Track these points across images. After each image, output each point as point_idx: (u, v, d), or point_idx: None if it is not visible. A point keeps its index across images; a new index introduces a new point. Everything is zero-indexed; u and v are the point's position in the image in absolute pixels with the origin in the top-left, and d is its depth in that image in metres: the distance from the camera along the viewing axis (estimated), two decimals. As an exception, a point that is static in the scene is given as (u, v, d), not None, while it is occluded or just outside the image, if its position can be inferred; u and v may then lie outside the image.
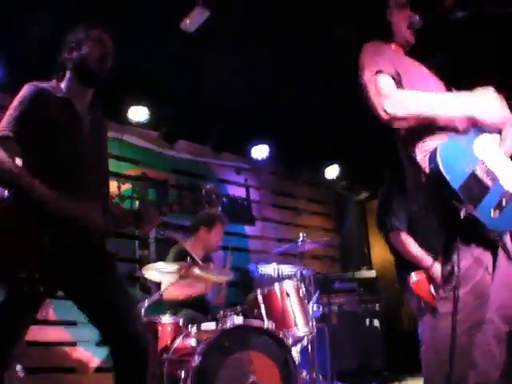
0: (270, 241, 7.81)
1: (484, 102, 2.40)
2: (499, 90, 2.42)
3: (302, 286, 4.70)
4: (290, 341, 4.29)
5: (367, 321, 6.70)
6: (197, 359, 3.61)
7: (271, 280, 6.07)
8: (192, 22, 4.88)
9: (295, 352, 4.40)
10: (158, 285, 4.97)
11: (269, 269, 6.41)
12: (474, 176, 2.31)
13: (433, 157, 2.34)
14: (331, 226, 8.88)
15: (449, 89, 2.76)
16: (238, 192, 7.58)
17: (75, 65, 2.68)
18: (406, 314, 7.51)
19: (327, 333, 6.21)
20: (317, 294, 5.76)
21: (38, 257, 2.32)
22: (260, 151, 7.26)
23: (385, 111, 2.43)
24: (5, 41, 4.74)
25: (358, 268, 7.38)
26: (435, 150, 2.34)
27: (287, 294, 4.41)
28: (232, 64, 5.58)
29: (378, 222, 4.03)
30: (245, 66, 5.62)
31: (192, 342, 4.07)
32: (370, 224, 8.74)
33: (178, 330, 4.29)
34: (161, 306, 5.05)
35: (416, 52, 2.84)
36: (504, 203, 2.35)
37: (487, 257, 2.40)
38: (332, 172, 8.17)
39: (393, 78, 2.51)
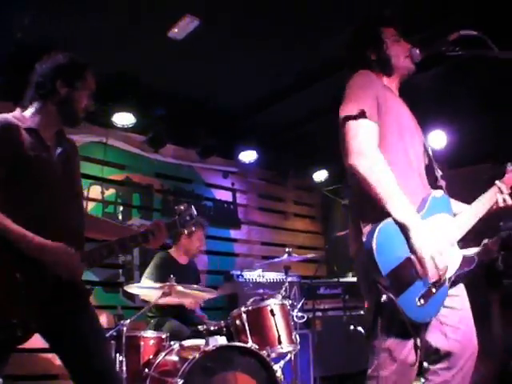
0: (256, 244, 7.79)
1: (425, 232, 2.26)
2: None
3: (287, 301, 4.66)
4: (274, 356, 4.29)
5: (351, 326, 6.66)
6: (180, 381, 3.58)
7: (256, 286, 6.05)
8: (180, 30, 4.82)
9: (278, 366, 4.38)
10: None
11: (254, 275, 6.39)
12: (407, 262, 2.24)
13: (370, 236, 2.23)
14: (318, 229, 8.86)
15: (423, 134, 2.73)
16: (225, 196, 7.56)
17: (61, 103, 2.59)
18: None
19: (311, 339, 6.20)
20: (301, 302, 5.74)
21: (15, 300, 2.25)
22: (248, 155, 7.17)
23: (354, 164, 2.29)
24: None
25: (343, 273, 7.36)
26: (374, 228, 2.24)
27: (272, 313, 4.37)
28: (220, 69, 5.53)
29: None
30: (233, 70, 5.57)
31: (174, 358, 4.03)
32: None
33: (160, 345, 4.27)
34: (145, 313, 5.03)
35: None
36: (434, 291, 2.30)
37: (409, 345, 2.36)
38: (320, 176, 8.12)
39: (377, 122, 2.42)
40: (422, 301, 2.26)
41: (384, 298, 2.19)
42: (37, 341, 2.50)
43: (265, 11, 4.64)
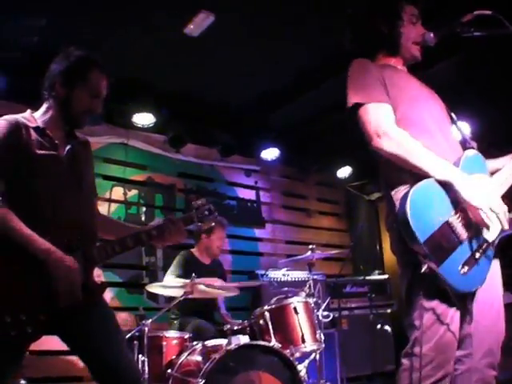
0: (281, 243, 7.73)
1: (471, 184, 2.21)
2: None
3: (311, 299, 4.60)
4: (298, 356, 4.23)
5: (378, 325, 6.58)
6: (201, 381, 3.54)
7: (280, 285, 5.99)
8: (196, 26, 4.80)
9: (303, 366, 4.32)
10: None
11: (278, 274, 6.34)
12: (446, 226, 2.17)
13: (403, 201, 2.17)
14: (343, 226, 8.75)
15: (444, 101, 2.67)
16: (248, 195, 7.51)
17: (61, 104, 2.58)
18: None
19: (337, 338, 6.14)
20: (327, 301, 5.67)
21: (22, 297, 2.25)
22: (270, 153, 7.13)
23: (379, 146, 2.29)
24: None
25: (369, 271, 7.28)
26: (408, 191, 2.18)
27: (295, 311, 4.30)
28: (240, 66, 5.51)
29: None
30: (253, 67, 5.55)
31: (197, 358, 4.00)
32: (382, 225, 8.57)
33: (183, 345, 4.26)
34: (168, 312, 5.01)
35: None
36: (477, 256, 2.21)
37: (451, 313, 2.25)
38: (343, 172, 8.03)
39: (385, 101, 2.39)
40: (466, 268, 2.16)
41: (425, 267, 2.10)
42: (58, 343, 2.49)
43: (282, 7, 4.60)
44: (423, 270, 2.10)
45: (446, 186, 2.22)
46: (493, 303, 2.37)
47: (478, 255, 2.21)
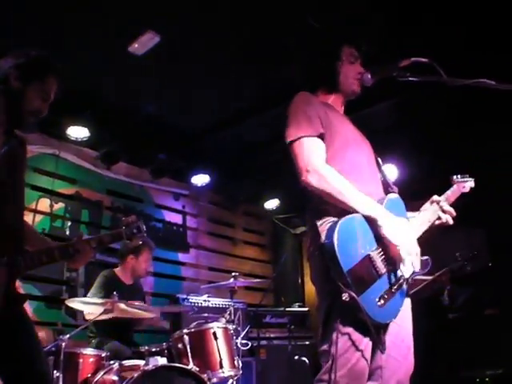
0: (204, 269, 7.73)
1: (393, 223, 2.34)
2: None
3: (230, 326, 4.61)
4: (215, 381, 4.21)
5: (296, 356, 6.62)
6: (117, 399, 3.48)
7: (200, 311, 5.98)
8: (141, 45, 4.81)
9: (220, 392, 4.31)
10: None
11: (200, 300, 6.32)
12: (368, 260, 2.27)
13: (330, 231, 2.25)
14: (267, 257, 8.84)
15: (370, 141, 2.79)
16: (175, 218, 7.50)
17: (10, 98, 2.49)
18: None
19: (255, 367, 6.14)
20: (246, 329, 5.69)
21: None
22: (200, 178, 7.16)
23: (307, 181, 2.38)
24: None
25: (290, 303, 7.34)
26: (335, 223, 2.27)
27: (215, 336, 4.30)
28: (181, 89, 5.55)
29: None
30: (194, 92, 5.60)
31: (113, 377, 3.93)
32: (305, 259, 8.68)
33: (99, 363, 4.15)
34: (86, 331, 4.90)
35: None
36: (394, 290, 2.32)
37: (365, 342, 2.31)
38: (271, 204, 8.14)
39: (321, 137, 2.50)
40: (382, 301, 2.25)
41: (345, 296, 2.16)
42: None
43: (226, 35, 4.70)
44: (344, 298, 2.16)
45: (371, 222, 2.33)
46: (404, 338, 2.47)
47: (394, 289, 2.32)
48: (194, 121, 6.22)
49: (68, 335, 3.97)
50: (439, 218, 2.67)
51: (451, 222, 2.68)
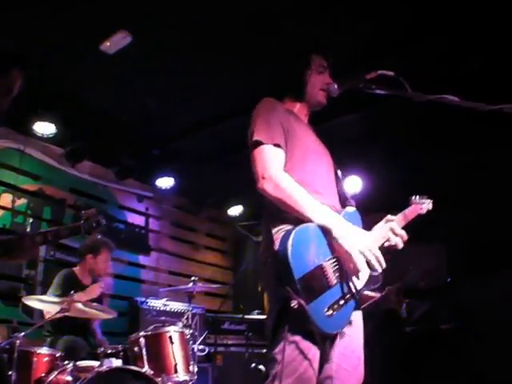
0: (163, 273, 7.70)
1: (349, 233, 2.33)
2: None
3: (187, 330, 4.60)
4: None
5: (253, 364, 6.63)
6: (69, 400, 3.45)
7: (159, 314, 5.96)
8: (113, 44, 4.79)
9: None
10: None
11: (158, 303, 6.30)
12: (319, 269, 2.27)
13: (285, 239, 2.25)
14: (227, 263, 8.85)
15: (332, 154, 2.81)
16: (138, 220, 7.47)
17: None
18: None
19: (211, 373, 6.14)
20: (204, 335, 5.68)
21: None
22: (165, 181, 7.15)
23: (263, 188, 2.39)
24: None
25: (249, 310, 7.35)
26: (290, 232, 2.27)
27: (171, 340, 4.29)
28: (152, 90, 5.53)
29: None
30: (165, 94, 5.59)
31: (67, 378, 3.88)
32: (265, 267, 8.72)
33: (54, 363, 4.08)
34: (42, 329, 4.84)
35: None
36: (342, 302, 2.32)
37: (313, 351, 2.31)
38: (235, 210, 8.16)
39: (280, 146, 2.50)
40: (330, 311, 2.25)
41: (294, 303, 2.15)
42: None
43: (199, 35, 4.69)
44: (292, 304, 2.16)
45: (326, 232, 2.34)
46: (354, 349, 2.48)
47: (342, 302, 2.32)
48: (162, 123, 6.19)
49: (23, 333, 3.93)
50: (389, 240, 2.57)
51: (401, 245, 2.58)
